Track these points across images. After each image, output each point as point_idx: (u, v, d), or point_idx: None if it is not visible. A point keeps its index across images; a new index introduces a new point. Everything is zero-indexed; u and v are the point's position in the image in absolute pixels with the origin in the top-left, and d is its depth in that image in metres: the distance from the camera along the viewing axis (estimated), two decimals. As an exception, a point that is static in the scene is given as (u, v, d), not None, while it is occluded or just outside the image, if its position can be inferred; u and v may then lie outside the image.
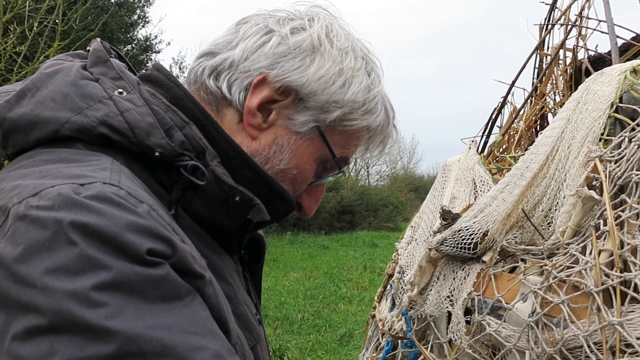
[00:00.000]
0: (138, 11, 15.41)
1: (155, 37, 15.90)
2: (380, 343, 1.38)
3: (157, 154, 0.71)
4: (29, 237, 0.57)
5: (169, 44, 17.94)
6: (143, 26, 15.59)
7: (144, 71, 0.87)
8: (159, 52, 16.30)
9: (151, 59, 15.89)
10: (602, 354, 0.82)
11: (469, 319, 1.15)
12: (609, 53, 1.16)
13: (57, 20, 8.01)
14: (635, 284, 0.80)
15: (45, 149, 0.72)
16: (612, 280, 0.82)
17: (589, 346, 0.84)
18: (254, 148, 0.85)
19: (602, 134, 0.95)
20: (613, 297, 0.82)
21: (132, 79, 0.77)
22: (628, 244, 0.82)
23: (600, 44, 1.36)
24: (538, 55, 1.58)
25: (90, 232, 0.57)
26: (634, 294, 0.80)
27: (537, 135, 1.42)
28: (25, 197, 0.60)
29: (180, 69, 17.15)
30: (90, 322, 0.54)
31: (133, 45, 14.96)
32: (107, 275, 0.56)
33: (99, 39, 0.85)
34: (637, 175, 0.84)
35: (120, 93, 0.73)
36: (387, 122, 0.92)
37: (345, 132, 0.89)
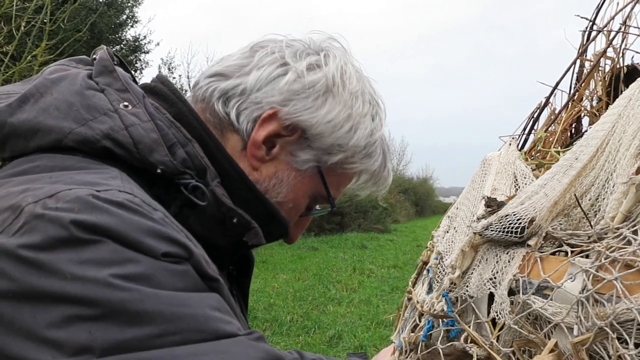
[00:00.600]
0: (127, 11, 15.33)
1: (145, 37, 15.84)
2: (417, 324, 1.45)
3: (159, 170, 0.72)
4: (48, 234, 0.56)
5: (158, 44, 17.89)
6: (132, 26, 15.51)
7: (147, 82, 0.87)
8: (148, 52, 16.25)
9: (140, 59, 15.81)
10: (654, 325, 0.90)
11: (511, 300, 1.23)
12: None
13: (45, 20, 7.94)
14: (689, 262, 0.88)
15: (46, 154, 0.71)
16: (666, 259, 0.90)
17: (641, 319, 0.92)
18: (254, 178, 0.87)
19: (654, 129, 1.03)
20: (666, 274, 0.90)
21: (138, 92, 0.77)
22: (682, 225, 0.90)
23: (638, 52, 1.47)
24: (579, 61, 1.68)
25: (113, 234, 0.58)
26: (688, 271, 0.88)
27: (571, 138, 1.52)
28: (42, 198, 0.59)
29: (169, 69, 17.08)
30: (126, 307, 0.55)
31: (122, 45, 14.88)
32: (135, 267, 0.58)
33: (104, 47, 0.84)
34: (690, 164, 0.93)
35: (126, 106, 0.73)
36: (384, 166, 0.96)
37: (342, 174, 0.93)
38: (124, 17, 15.16)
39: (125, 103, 0.74)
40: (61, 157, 0.70)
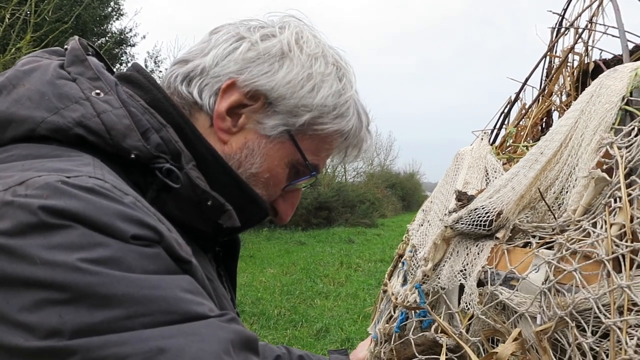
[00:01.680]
0: (112, 3, 15.15)
1: (130, 30, 15.68)
2: (392, 315, 1.48)
3: (133, 156, 0.72)
4: (18, 220, 0.57)
5: (144, 37, 17.67)
6: (117, 19, 15.34)
7: (123, 71, 0.88)
8: (133, 45, 16.07)
9: (126, 53, 15.67)
10: (610, 314, 0.94)
11: (480, 291, 1.26)
12: (617, 56, 1.30)
13: (29, 12, 7.83)
14: (643, 253, 0.92)
15: (21, 144, 0.72)
16: (622, 250, 0.94)
17: (598, 307, 0.96)
18: (226, 152, 0.87)
19: (613, 124, 1.07)
20: (622, 264, 0.94)
21: (110, 80, 0.78)
22: (638, 217, 0.94)
23: (608, 49, 1.51)
24: (549, 57, 1.72)
25: (81, 219, 0.58)
26: (641, 261, 0.92)
27: (542, 132, 1.55)
28: (12, 186, 0.60)
29: (155, 63, 16.92)
30: (95, 290, 0.56)
31: (107, 38, 14.73)
32: (104, 251, 0.58)
33: (77, 37, 0.85)
34: (646, 159, 0.96)
35: (98, 94, 0.74)
36: (360, 127, 0.95)
37: (316, 137, 0.92)
38: (109, 9, 15.02)
39: (97, 91, 0.74)
40: (35, 146, 0.70)
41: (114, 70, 0.89)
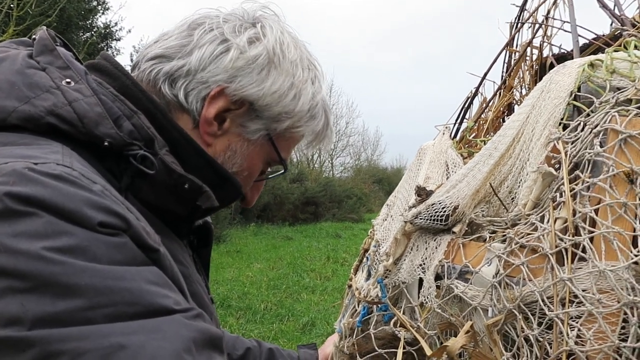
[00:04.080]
0: None
1: (116, 24, 15.48)
2: (356, 310, 1.49)
3: (106, 143, 0.72)
4: None
5: (129, 31, 17.44)
6: (103, 13, 15.14)
7: (90, 61, 0.87)
8: (119, 39, 15.86)
9: (111, 47, 15.49)
10: (553, 305, 0.95)
11: (438, 284, 1.27)
12: (572, 51, 1.31)
13: (12, 5, 7.71)
14: (584, 246, 0.93)
15: None
16: (565, 243, 0.96)
17: (542, 300, 0.97)
18: (210, 153, 0.89)
19: (562, 119, 1.08)
20: (565, 257, 0.96)
21: (80, 69, 0.78)
22: (580, 212, 0.95)
23: (564, 44, 1.52)
24: (508, 52, 1.73)
25: (47, 206, 0.58)
26: (582, 254, 0.93)
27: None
28: None
29: (142, 57, 16.71)
30: (58, 280, 0.56)
31: (92, 32, 14.56)
32: (69, 240, 0.58)
33: (44, 27, 0.85)
34: (589, 153, 0.98)
35: (68, 83, 0.73)
36: (327, 124, 1.00)
37: (290, 138, 0.97)
38: (94, 3, 14.84)
39: (68, 80, 0.74)
40: (5, 134, 0.70)
41: (82, 62, 0.88)
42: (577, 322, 0.91)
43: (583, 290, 0.91)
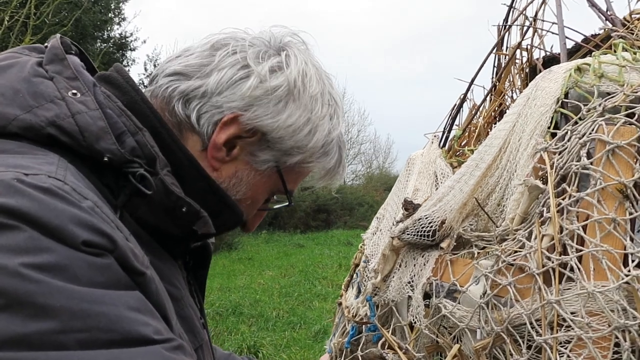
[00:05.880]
0: (112, 6, 15.15)
1: (131, 34, 15.66)
2: (346, 329, 1.44)
3: (105, 159, 0.70)
4: None
5: (144, 41, 17.65)
6: (118, 23, 15.34)
7: (103, 72, 0.85)
8: (134, 49, 16.04)
9: (126, 57, 15.65)
10: (541, 329, 0.89)
11: (427, 303, 1.21)
12: (560, 53, 1.25)
13: (28, 15, 7.81)
14: (572, 265, 0.87)
15: None
16: (552, 263, 0.89)
17: (530, 323, 0.91)
18: (214, 178, 0.86)
19: (549, 128, 1.02)
20: (552, 278, 0.89)
21: (88, 80, 0.76)
22: (566, 229, 0.89)
23: (556, 45, 1.45)
24: (496, 55, 1.67)
25: (31, 220, 0.56)
26: (570, 274, 0.87)
27: (496, 132, 1.50)
28: None
29: (155, 66, 16.91)
30: (32, 299, 0.53)
31: (110, 43, 14.75)
32: (49, 257, 0.55)
33: (59, 35, 0.83)
34: (576, 165, 0.91)
35: (74, 94, 0.72)
36: (339, 162, 0.96)
37: (300, 172, 0.93)
38: (110, 14, 15.01)
39: (74, 91, 0.72)
40: (3, 142, 0.68)
41: (97, 70, 0.87)
42: (566, 348, 0.85)
43: (572, 313, 0.85)
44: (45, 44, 0.82)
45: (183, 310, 0.81)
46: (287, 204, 0.99)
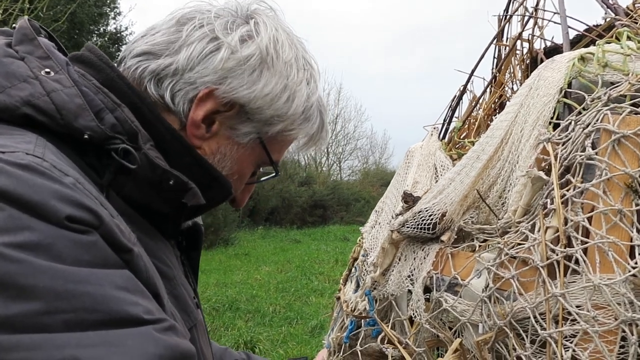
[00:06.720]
0: (108, 0, 15.09)
1: (126, 28, 15.58)
2: (345, 323, 1.42)
3: (86, 136, 0.68)
4: None
5: (141, 36, 17.60)
6: (114, 18, 15.26)
7: (74, 52, 0.83)
8: (130, 43, 16.01)
9: (120, 50, 15.59)
10: (545, 322, 0.87)
11: (428, 297, 1.20)
12: (562, 43, 1.23)
13: (23, 8, 7.73)
14: (577, 258, 0.85)
15: None
16: (557, 255, 0.87)
17: (534, 317, 0.89)
18: None
19: (552, 118, 1.00)
20: (557, 270, 0.87)
21: (61, 59, 0.74)
22: (571, 220, 0.87)
23: (557, 35, 1.43)
24: (497, 46, 1.64)
25: (10, 197, 0.54)
26: (575, 267, 0.85)
27: (496, 124, 1.48)
28: None
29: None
30: (14, 280, 0.51)
31: (106, 39, 14.68)
32: (31, 235, 0.53)
33: (26, 17, 0.81)
34: (580, 156, 0.89)
35: (47, 73, 0.70)
36: (321, 126, 0.94)
37: (283, 140, 0.91)
38: (106, 8, 14.92)
39: (47, 70, 0.70)
40: None
41: (66, 52, 0.84)
42: (571, 342, 0.83)
43: (577, 307, 0.83)
44: (13, 26, 0.79)
45: (176, 289, 0.80)
46: (274, 174, 0.97)
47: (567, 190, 0.90)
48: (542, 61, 1.22)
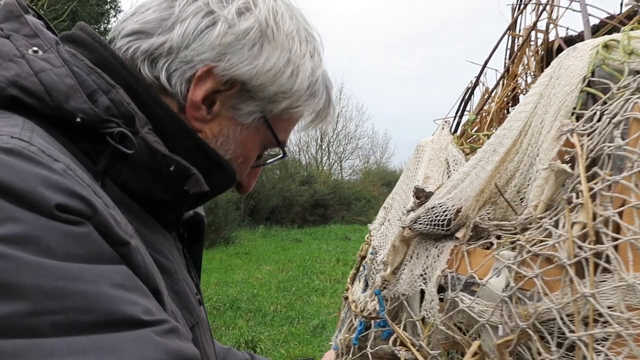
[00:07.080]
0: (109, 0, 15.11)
1: (128, 26, 15.67)
2: (353, 324, 1.36)
3: (78, 119, 0.63)
4: None
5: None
6: (115, 16, 15.24)
7: (65, 32, 0.77)
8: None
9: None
10: (574, 325, 0.82)
11: (442, 297, 1.14)
12: (582, 33, 1.17)
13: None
14: (607, 255, 0.80)
15: None
16: (585, 253, 0.82)
17: (561, 318, 0.84)
18: None
19: (575, 108, 0.95)
20: (585, 269, 0.82)
21: (50, 38, 0.69)
22: (600, 215, 0.82)
23: (571, 26, 1.38)
24: (510, 37, 1.59)
25: None
26: (606, 265, 0.80)
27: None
28: None
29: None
30: None
31: (106, 37, 14.78)
32: (16, 227, 0.48)
33: None
34: (609, 147, 0.84)
35: (35, 52, 0.65)
36: (328, 102, 0.89)
37: (289, 119, 0.86)
38: (107, 7, 14.89)
39: (35, 48, 0.65)
40: None
41: (56, 32, 0.78)
42: (603, 346, 0.78)
43: (609, 308, 0.78)
44: None
45: (177, 285, 0.74)
46: (281, 156, 0.92)
47: (595, 184, 0.84)
48: (560, 50, 1.17)
